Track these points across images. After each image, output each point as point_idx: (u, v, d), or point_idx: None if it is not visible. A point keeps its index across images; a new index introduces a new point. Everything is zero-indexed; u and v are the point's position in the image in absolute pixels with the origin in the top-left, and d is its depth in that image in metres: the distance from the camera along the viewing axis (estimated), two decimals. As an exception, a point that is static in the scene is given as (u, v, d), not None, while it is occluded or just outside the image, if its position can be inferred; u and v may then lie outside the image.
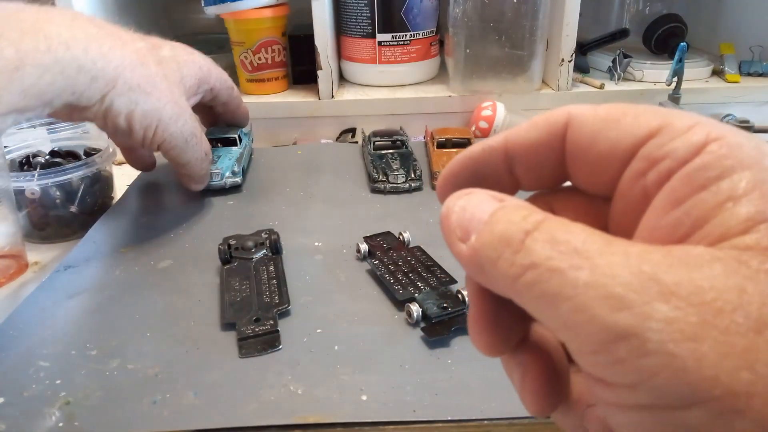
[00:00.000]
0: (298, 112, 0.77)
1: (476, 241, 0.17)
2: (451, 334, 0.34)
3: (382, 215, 0.50)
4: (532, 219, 0.16)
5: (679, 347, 0.13)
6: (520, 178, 0.21)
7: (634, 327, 0.13)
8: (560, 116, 0.19)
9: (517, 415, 0.28)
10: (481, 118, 0.73)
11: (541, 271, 0.15)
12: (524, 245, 0.15)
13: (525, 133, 0.20)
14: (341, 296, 0.39)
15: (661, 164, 0.16)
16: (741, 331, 0.12)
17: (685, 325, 0.13)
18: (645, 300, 0.13)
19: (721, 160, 0.15)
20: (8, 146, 0.56)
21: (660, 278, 0.13)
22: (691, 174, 0.15)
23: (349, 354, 0.33)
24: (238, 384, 0.31)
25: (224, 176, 0.55)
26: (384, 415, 0.28)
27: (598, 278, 0.14)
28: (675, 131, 0.16)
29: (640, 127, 0.17)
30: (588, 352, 0.14)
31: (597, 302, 0.13)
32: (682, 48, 0.70)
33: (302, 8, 0.76)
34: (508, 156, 0.20)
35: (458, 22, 0.74)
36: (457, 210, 0.18)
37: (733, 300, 0.13)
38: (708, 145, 0.15)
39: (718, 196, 0.15)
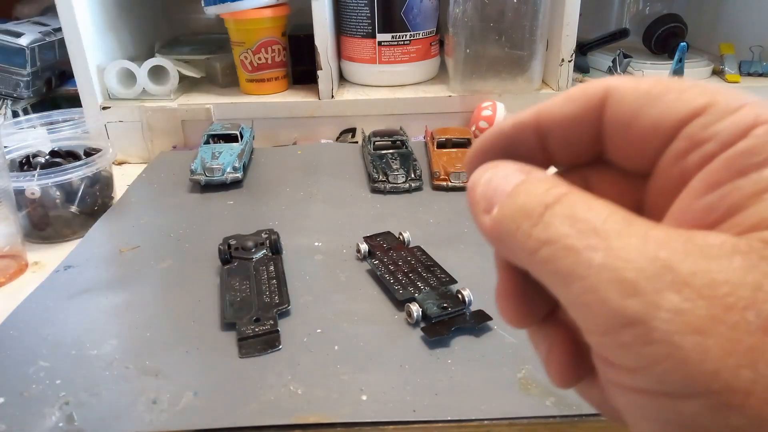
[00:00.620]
0: (298, 112, 0.77)
1: (498, 212, 0.17)
2: (451, 334, 0.34)
3: (382, 215, 0.50)
4: (554, 192, 0.16)
5: (685, 339, 0.13)
6: (553, 153, 0.20)
7: (642, 314, 0.13)
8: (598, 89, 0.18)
9: (517, 415, 0.28)
10: (481, 118, 0.73)
11: (556, 248, 0.15)
12: (543, 219, 0.15)
13: (559, 107, 0.19)
14: (341, 296, 0.39)
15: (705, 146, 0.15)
16: (750, 329, 0.12)
17: (694, 318, 0.13)
18: (656, 288, 0.13)
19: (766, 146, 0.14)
20: (8, 146, 0.56)
21: (675, 267, 0.13)
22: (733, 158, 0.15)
23: (349, 354, 0.33)
24: (238, 384, 0.31)
25: (225, 171, 0.55)
26: (384, 415, 0.28)
27: (612, 261, 0.14)
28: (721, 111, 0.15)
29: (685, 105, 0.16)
30: (596, 333, 0.14)
31: (608, 285, 0.13)
32: (682, 48, 0.70)
33: (302, 8, 0.76)
34: (540, 131, 0.19)
35: (458, 22, 0.74)
36: (482, 182, 0.18)
37: (746, 296, 0.13)
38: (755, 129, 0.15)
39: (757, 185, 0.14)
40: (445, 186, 0.55)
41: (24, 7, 1.01)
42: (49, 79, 0.86)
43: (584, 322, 0.15)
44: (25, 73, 0.80)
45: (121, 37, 0.82)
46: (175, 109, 0.75)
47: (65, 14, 0.69)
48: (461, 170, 0.55)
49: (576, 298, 0.14)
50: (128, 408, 0.29)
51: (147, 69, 0.75)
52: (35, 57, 0.81)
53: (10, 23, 0.87)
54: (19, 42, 0.79)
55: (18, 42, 0.79)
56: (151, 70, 0.75)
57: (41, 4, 1.00)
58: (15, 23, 0.87)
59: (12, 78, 0.80)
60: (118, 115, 0.75)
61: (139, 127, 0.75)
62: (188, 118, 0.75)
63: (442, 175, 0.55)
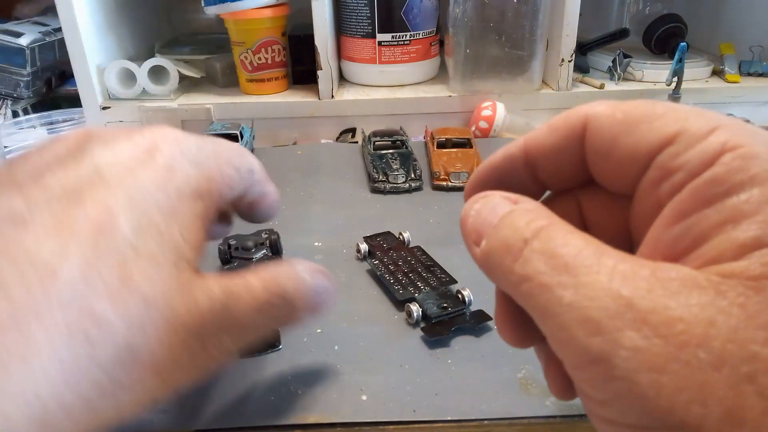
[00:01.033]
0: (298, 112, 0.77)
1: (485, 245, 0.18)
2: (451, 334, 0.34)
3: (382, 215, 0.50)
4: (534, 225, 0.16)
5: (642, 376, 0.13)
6: (544, 181, 0.21)
7: (605, 352, 0.14)
8: (578, 118, 0.18)
9: (517, 415, 0.28)
10: (481, 118, 0.73)
11: (533, 285, 0.15)
12: (522, 254, 0.16)
13: (544, 138, 0.20)
14: (341, 296, 0.39)
15: (675, 176, 0.16)
16: (701, 366, 0.13)
17: (651, 356, 0.13)
18: (617, 326, 0.14)
19: (732, 175, 0.14)
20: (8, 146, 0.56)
21: (636, 304, 0.14)
22: (700, 188, 0.15)
23: (349, 354, 0.33)
24: (238, 384, 0.31)
25: None
26: (384, 415, 0.28)
27: (579, 300, 0.14)
28: (691, 138, 0.16)
29: (657, 134, 0.16)
30: (569, 366, 0.15)
31: (576, 324, 0.14)
32: (682, 48, 0.70)
33: (302, 8, 0.76)
34: (529, 161, 0.20)
35: (458, 22, 0.74)
36: (472, 214, 0.19)
37: (699, 334, 0.13)
38: (722, 156, 0.15)
39: (721, 215, 0.14)
40: (445, 186, 0.55)
41: (24, 7, 1.01)
42: (49, 79, 0.86)
43: (560, 356, 0.15)
44: (25, 73, 0.80)
45: (121, 37, 0.82)
46: (175, 109, 0.75)
47: (65, 14, 0.69)
48: (461, 170, 0.55)
49: (551, 333, 0.15)
50: (128, 408, 0.29)
51: (147, 69, 0.75)
52: (35, 57, 0.81)
53: (10, 23, 0.87)
54: (19, 42, 0.79)
55: (18, 42, 0.79)
56: (151, 70, 0.75)
57: (41, 4, 1.00)
58: (15, 23, 0.87)
59: (12, 78, 0.80)
60: (118, 115, 0.75)
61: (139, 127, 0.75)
62: (188, 118, 0.75)
63: (442, 175, 0.55)
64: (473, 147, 0.60)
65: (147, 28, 0.92)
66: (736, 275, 0.13)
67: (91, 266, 0.18)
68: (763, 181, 0.14)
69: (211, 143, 0.25)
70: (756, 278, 0.13)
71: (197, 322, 0.20)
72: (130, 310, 0.19)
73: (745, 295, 0.13)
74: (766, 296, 0.13)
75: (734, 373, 0.12)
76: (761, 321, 0.13)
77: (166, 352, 0.19)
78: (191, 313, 0.20)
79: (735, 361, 0.13)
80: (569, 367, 0.15)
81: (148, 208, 0.20)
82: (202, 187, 0.23)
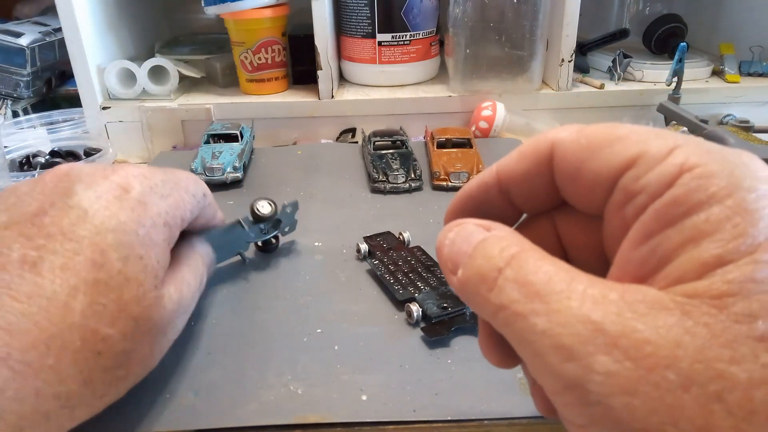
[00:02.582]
0: (298, 112, 0.77)
1: (462, 275, 0.18)
2: (451, 334, 0.34)
3: (382, 215, 0.50)
4: (506, 254, 0.17)
5: (615, 400, 0.13)
6: (519, 205, 0.21)
7: (579, 378, 0.14)
8: (544, 145, 0.19)
9: (517, 415, 0.28)
10: (481, 118, 0.73)
11: (508, 314, 0.16)
12: (497, 284, 0.16)
13: (515, 164, 0.20)
14: (341, 296, 0.39)
15: (637, 198, 0.16)
16: (670, 388, 0.13)
17: (623, 379, 0.13)
18: (589, 351, 0.14)
19: (691, 194, 0.15)
20: (8, 146, 0.56)
21: (606, 329, 0.14)
22: (661, 209, 0.15)
23: (349, 354, 0.33)
24: (238, 384, 0.31)
25: (225, 171, 0.55)
26: (384, 415, 0.29)
27: (552, 327, 0.15)
28: (651, 160, 0.16)
29: (618, 157, 0.17)
30: (548, 392, 0.15)
31: (550, 351, 0.15)
32: (682, 48, 0.70)
33: (302, 8, 0.76)
34: (502, 188, 0.21)
35: (458, 22, 0.74)
36: (447, 243, 0.19)
37: (667, 355, 0.13)
38: (681, 177, 0.15)
39: (682, 235, 0.15)
40: (445, 186, 0.55)
41: (24, 7, 1.01)
42: (49, 79, 0.86)
43: (539, 381, 0.16)
44: (25, 73, 0.80)
45: (121, 37, 0.82)
46: (175, 109, 0.75)
47: (65, 14, 0.69)
48: (461, 170, 0.55)
49: (528, 360, 0.16)
50: (128, 408, 0.29)
51: (147, 69, 0.75)
52: (35, 57, 0.81)
53: (10, 23, 0.87)
54: (19, 42, 0.79)
55: (18, 42, 0.79)
56: (151, 70, 0.75)
57: (41, 4, 1.00)
58: (15, 23, 0.87)
59: (12, 78, 0.80)
60: (118, 115, 0.75)
61: (139, 127, 0.75)
62: (188, 118, 0.75)
63: (442, 175, 0.55)
64: (473, 147, 0.60)
65: (147, 28, 0.92)
66: (699, 295, 0.14)
67: (95, 298, 0.24)
68: (721, 199, 0.14)
69: (172, 175, 0.31)
70: (719, 296, 0.13)
71: (164, 323, 0.28)
72: (125, 328, 0.25)
73: (709, 314, 0.13)
74: (729, 314, 0.13)
75: (703, 392, 0.13)
76: (725, 339, 0.13)
77: (146, 348, 0.27)
78: (161, 316, 0.27)
79: (703, 380, 0.13)
80: (548, 392, 0.15)
81: (131, 241, 0.26)
82: (170, 215, 0.29)
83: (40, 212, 0.25)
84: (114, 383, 0.26)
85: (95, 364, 0.24)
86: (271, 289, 0.40)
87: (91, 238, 0.25)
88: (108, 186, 0.27)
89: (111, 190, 0.27)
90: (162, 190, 0.29)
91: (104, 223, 0.25)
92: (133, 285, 0.25)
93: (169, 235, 0.29)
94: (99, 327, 0.24)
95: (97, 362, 0.24)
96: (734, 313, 0.13)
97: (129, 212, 0.26)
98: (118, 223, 0.26)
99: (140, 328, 0.26)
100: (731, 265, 0.14)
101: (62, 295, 0.23)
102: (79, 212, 0.25)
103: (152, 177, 0.29)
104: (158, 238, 0.27)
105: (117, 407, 0.29)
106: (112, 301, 0.25)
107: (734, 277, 0.13)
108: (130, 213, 0.26)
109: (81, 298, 0.24)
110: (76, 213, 0.25)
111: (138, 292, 0.26)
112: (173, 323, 0.29)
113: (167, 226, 0.28)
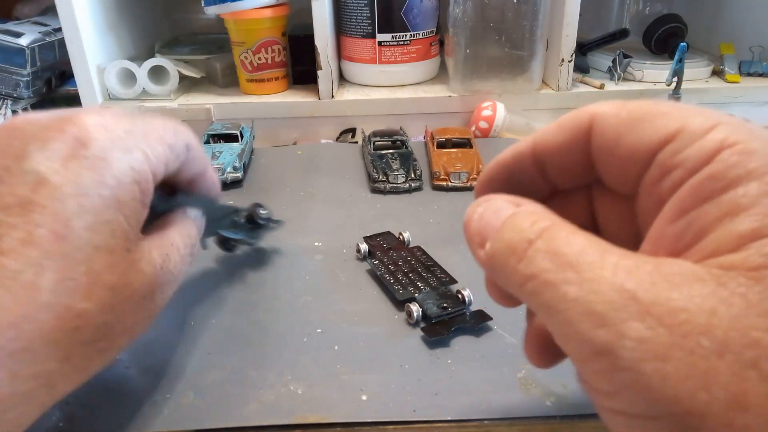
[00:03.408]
0: (298, 112, 0.77)
1: (489, 248, 0.18)
2: (451, 334, 0.34)
3: (382, 215, 0.50)
4: (537, 227, 0.17)
5: (647, 366, 0.13)
6: (552, 178, 0.21)
7: (611, 344, 0.14)
8: (584, 117, 0.19)
9: (517, 415, 0.28)
10: (481, 118, 0.73)
11: (538, 283, 0.16)
12: (527, 255, 0.16)
13: (552, 136, 0.20)
14: (341, 296, 0.39)
15: (674, 173, 0.16)
16: (704, 354, 0.13)
17: (655, 345, 0.13)
18: (622, 318, 0.14)
19: (730, 170, 0.15)
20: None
21: (639, 297, 0.14)
22: (699, 184, 0.15)
23: (349, 354, 0.33)
24: (238, 384, 0.31)
25: (225, 171, 0.55)
26: (384, 415, 0.28)
27: (585, 294, 0.14)
28: (690, 136, 0.16)
29: (658, 132, 0.17)
30: (576, 360, 0.15)
31: (582, 318, 0.14)
32: (682, 48, 0.70)
33: (302, 8, 0.76)
34: (537, 159, 0.20)
35: (458, 22, 0.74)
36: (475, 218, 0.19)
37: (702, 323, 0.13)
38: (720, 153, 0.15)
39: (719, 209, 0.15)
40: (445, 186, 0.55)
41: (24, 7, 1.01)
42: (49, 79, 0.86)
43: (567, 351, 0.16)
44: (25, 73, 0.80)
45: (121, 37, 0.82)
46: (175, 109, 0.75)
47: (65, 14, 0.69)
48: (461, 170, 0.55)
49: (557, 329, 0.15)
50: (128, 408, 0.29)
51: (147, 69, 0.75)
52: (35, 57, 0.81)
53: (10, 23, 0.87)
54: (19, 42, 0.79)
55: (18, 42, 0.79)
56: (151, 70, 0.75)
57: (41, 4, 1.00)
58: (15, 23, 0.87)
59: (12, 78, 0.80)
60: (118, 115, 0.75)
61: (139, 127, 0.75)
62: (188, 118, 0.75)
63: (442, 175, 0.55)
64: (473, 147, 0.60)
65: (147, 28, 0.92)
66: (735, 267, 0.14)
67: (64, 273, 0.22)
68: (760, 176, 0.14)
69: (141, 123, 0.27)
70: (755, 268, 0.13)
71: (146, 287, 0.26)
72: (101, 299, 0.23)
73: (746, 285, 0.13)
74: (765, 285, 0.13)
75: (737, 359, 0.13)
76: (762, 309, 0.13)
77: (129, 318, 0.25)
78: (142, 282, 0.25)
79: (738, 347, 0.13)
80: (575, 360, 0.15)
81: (95, 205, 0.23)
82: (136, 171, 0.25)
83: None
84: (96, 356, 0.24)
85: (72, 340, 0.22)
86: (271, 289, 0.40)
87: (51, 206, 0.22)
88: (63, 142, 0.24)
89: (67, 147, 0.23)
90: (127, 143, 0.25)
91: (63, 188, 0.22)
92: (103, 253, 0.23)
93: (140, 192, 0.25)
94: (72, 302, 0.22)
95: (74, 338, 0.22)
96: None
97: (89, 172, 0.23)
98: (78, 188, 0.23)
99: (118, 296, 0.24)
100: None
101: (28, 274, 0.21)
102: (36, 177, 0.22)
103: (115, 127, 0.25)
104: (126, 197, 0.24)
105: (117, 407, 0.29)
106: (83, 273, 0.22)
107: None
108: (90, 173, 0.23)
109: (48, 275, 0.21)
110: (33, 178, 0.22)
111: (110, 260, 0.23)
112: (161, 288, 0.27)
113: (135, 183, 0.25)
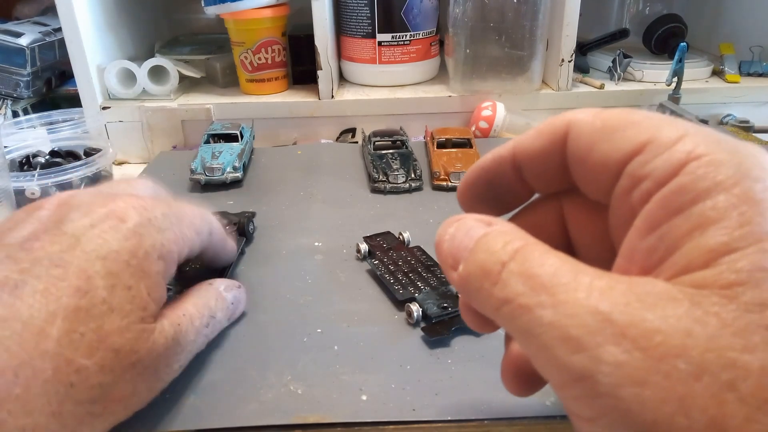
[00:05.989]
0: (298, 112, 0.77)
1: (463, 269, 0.18)
2: (451, 334, 0.34)
3: (382, 215, 0.50)
4: (510, 248, 0.16)
5: (625, 391, 0.13)
6: (530, 183, 0.21)
7: (588, 370, 0.14)
8: (561, 124, 0.19)
9: (517, 415, 0.28)
10: (481, 118, 0.73)
11: (513, 307, 0.15)
12: (500, 278, 0.16)
13: (530, 141, 0.20)
14: (341, 296, 0.39)
15: (643, 184, 0.16)
16: (681, 378, 0.13)
17: (632, 370, 0.13)
18: (598, 342, 0.14)
19: (698, 182, 0.15)
20: (8, 146, 0.56)
21: (614, 319, 0.14)
22: (667, 197, 0.15)
23: (349, 354, 0.33)
24: (238, 384, 0.31)
25: (225, 171, 0.55)
26: (384, 415, 0.28)
27: (559, 318, 0.14)
28: (659, 147, 0.16)
29: (628, 142, 0.16)
30: (556, 386, 0.15)
31: (558, 343, 0.14)
32: (682, 48, 0.70)
33: (302, 8, 0.76)
34: (516, 164, 0.21)
35: (458, 22, 0.74)
36: (447, 239, 0.19)
37: (677, 344, 0.13)
38: (688, 165, 0.15)
39: (689, 222, 0.14)
40: (445, 186, 0.55)
41: (24, 7, 1.01)
42: (49, 79, 0.86)
43: (546, 377, 0.15)
44: (25, 73, 0.80)
45: (121, 37, 0.82)
46: (175, 109, 0.75)
47: (65, 14, 0.69)
48: (461, 170, 0.55)
49: (535, 354, 0.15)
50: (128, 408, 0.29)
51: (147, 69, 0.75)
52: (35, 57, 0.81)
53: (10, 23, 0.87)
54: (19, 42, 0.79)
55: (18, 42, 0.79)
56: (151, 70, 0.75)
57: (41, 4, 1.00)
58: (15, 23, 0.87)
59: (12, 78, 0.80)
60: (118, 115, 0.75)
61: (139, 127, 0.75)
62: (188, 118, 0.75)
63: (442, 175, 0.55)
64: (473, 147, 0.60)
65: (147, 28, 0.92)
66: (708, 285, 0.14)
67: (73, 326, 0.23)
68: (728, 188, 0.14)
69: (176, 208, 0.30)
70: (727, 286, 0.13)
71: (154, 358, 0.26)
72: (103, 359, 0.23)
73: (719, 304, 0.13)
74: (739, 303, 0.13)
75: (714, 381, 0.12)
76: (737, 328, 0.13)
77: (127, 386, 0.25)
78: (150, 352, 0.25)
79: (714, 369, 0.13)
80: (555, 386, 0.15)
81: (120, 270, 0.25)
82: (165, 248, 0.27)
83: (31, 237, 0.24)
84: (87, 419, 0.23)
85: (66, 396, 0.22)
86: (271, 289, 0.40)
87: (78, 264, 0.24)
88: (104, 215, 0.26)
89: (107, 219, 0.26)
90: (161, 224, 0.27)
91: (94, 251, 0.24)
92: (117, 315, 0.24)
93: (165, 269, 0.27)
94: (74, 356, 0.22)
95: (68, 394, 0.22)
96: (744, 303, 0.13)
97: (122, 241, 0.25)
98: (108, 252, 0.25)
99: (121, 361, 0.24)
100: (738, 253, 0.13)
101: (39, 320, 0.22)
102: (71, 239, 0.24)
103: (153, 209, 0.28)
104: (151, 270, 0.26)
105: (117, 407, 0.29)
106: (92, 330, 0.23)
107: (743, 266, 0.13)
108: (123, 242, 0.25)
109: (59, 324, 0.22)
110: (68, 240, 0.24)
111: (121, 324, 0.24)
112: (167, 361, 0.27)
113: (162, 260, 0.27)
